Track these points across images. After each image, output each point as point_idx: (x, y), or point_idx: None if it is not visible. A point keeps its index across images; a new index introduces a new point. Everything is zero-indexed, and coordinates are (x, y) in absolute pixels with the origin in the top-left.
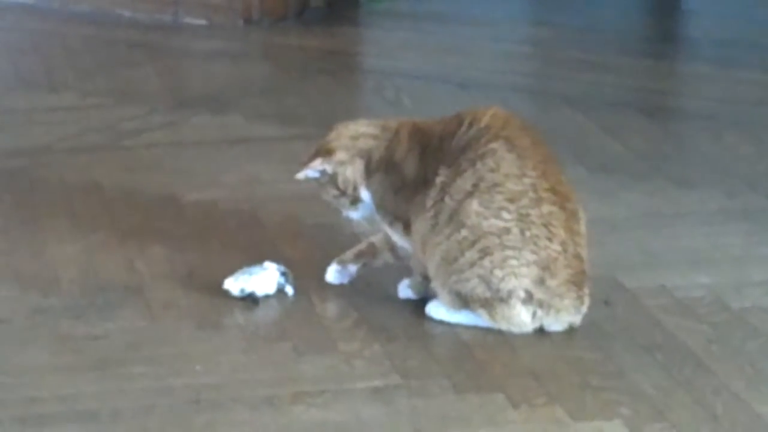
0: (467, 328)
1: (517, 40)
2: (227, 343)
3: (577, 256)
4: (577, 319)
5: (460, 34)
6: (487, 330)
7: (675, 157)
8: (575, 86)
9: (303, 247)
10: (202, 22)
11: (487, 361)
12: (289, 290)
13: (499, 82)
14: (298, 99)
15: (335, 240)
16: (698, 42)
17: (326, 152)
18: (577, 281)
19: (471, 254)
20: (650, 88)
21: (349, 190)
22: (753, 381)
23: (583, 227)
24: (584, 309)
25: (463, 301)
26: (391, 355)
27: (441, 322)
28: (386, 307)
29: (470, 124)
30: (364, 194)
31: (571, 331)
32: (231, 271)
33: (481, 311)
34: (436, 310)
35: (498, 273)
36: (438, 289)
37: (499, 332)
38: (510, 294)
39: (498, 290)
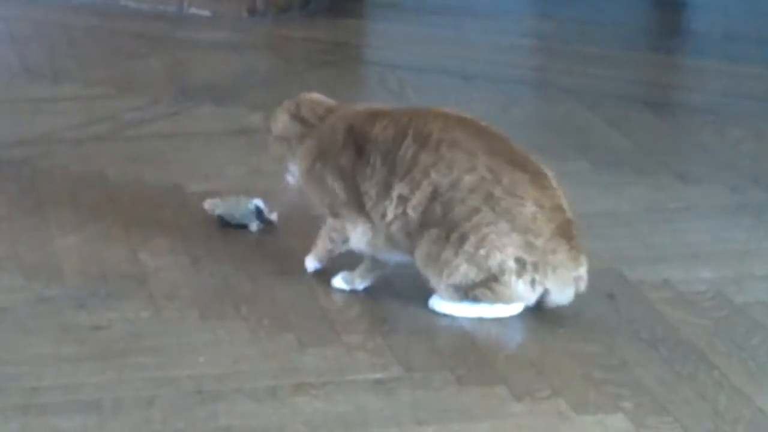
0: (470, 320)
1: (521, 32)
2: (230, 334)
3: (557, 208)
4: (579, 274)
5: (465, 26)
6: (491, 322)
7: (679, 152)
8: (579, 80)
9: (306, 237)
10: (207, 13)
11: (490, 353)
12: (254, 227)
13: (504, 74)
14: (302, 90)
15: None
16: (703, 36)
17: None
18: (564, 232)
19: (451, 245)
20: (655, 82)
21: (276, 161)
22: (755, 375)
23: (553, 182)
24: (583, 261)
25: (462, 292)
26: (394, 348)
27: (445, 316)
28: (389, 300)
29: (414, 136)
30: (292, 170)
31: (574, 323)
32: (236, 261)
33: (482, 295)
34: (439, 303)
35: (482, 252)
36: (435, 286)
37: (503, 325)
38: (501, 269)
39: (489, 269)
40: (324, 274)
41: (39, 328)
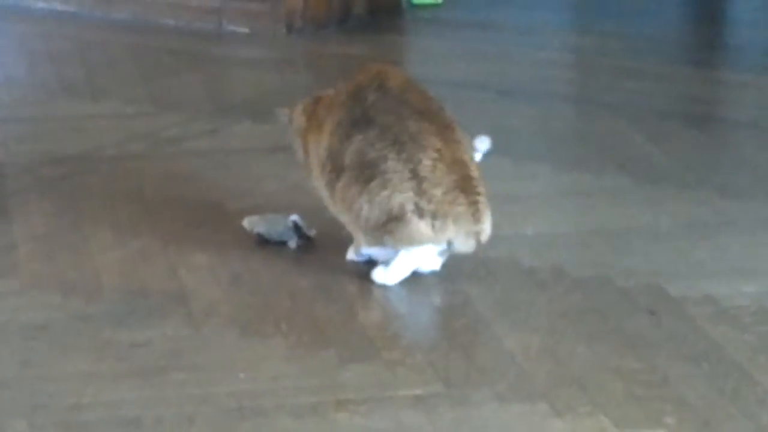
0: (510, 336)
1: (560, 48)
2: (270, 350)
3: (458, 161)
4: (479, 229)
5: (503, 42)
6: (531, 338)
7: (719, 167)
8: (619, 95)
9: (345, 252)
10: (245, 30)
11: (530, 369)
12: (293, 243)
13: (543, 90)
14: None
15: None
16: (743, 50)
17: None
18: (464, 186)
19: (357, 186)
20: (695, 97)
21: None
22: None
23: (461, 136)
24: (486, 217)
25: (372, 236)
26: (434, 364)
27: (480, 329)
28: (429, 316)
29: (347, 89)
30: None
31: (615, 339)
32: (275, 278)
33: (387, 238)
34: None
35: (384, 193)
36: (351, 232)
37: (543, 341)
38: (402, 210)
39: (390, 210)
40: (364, 291)
41: (78, 345)
